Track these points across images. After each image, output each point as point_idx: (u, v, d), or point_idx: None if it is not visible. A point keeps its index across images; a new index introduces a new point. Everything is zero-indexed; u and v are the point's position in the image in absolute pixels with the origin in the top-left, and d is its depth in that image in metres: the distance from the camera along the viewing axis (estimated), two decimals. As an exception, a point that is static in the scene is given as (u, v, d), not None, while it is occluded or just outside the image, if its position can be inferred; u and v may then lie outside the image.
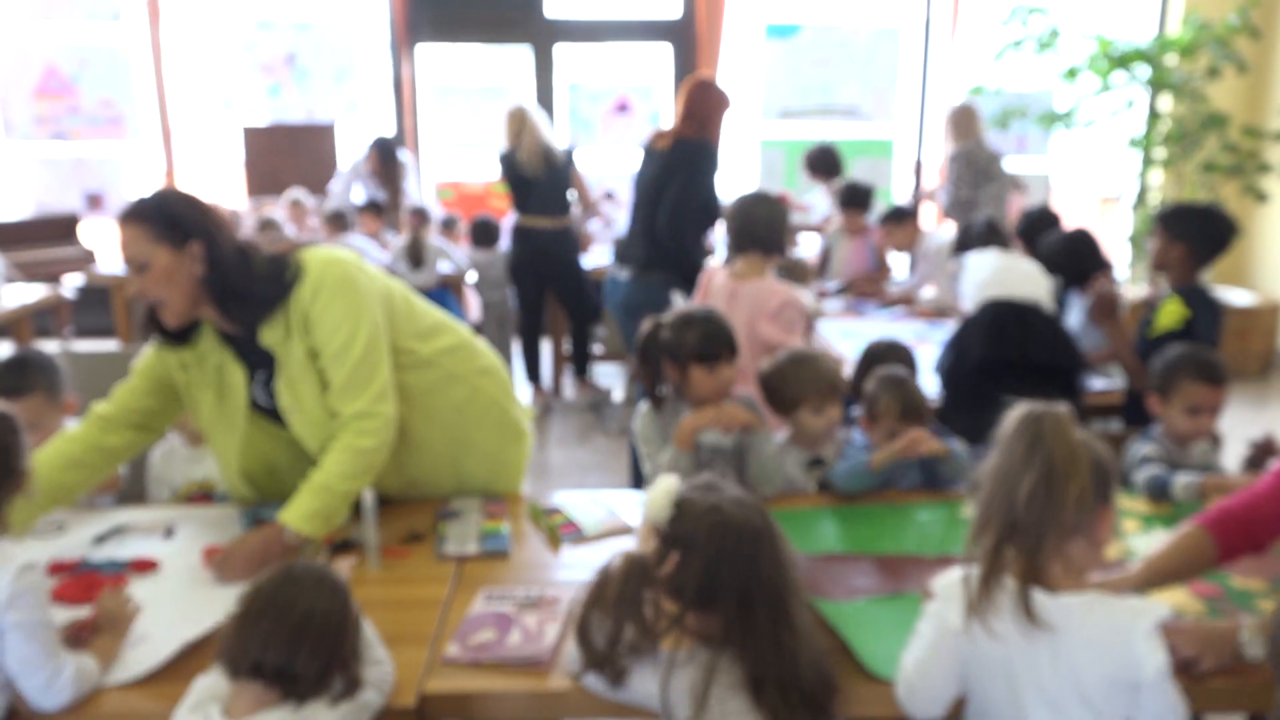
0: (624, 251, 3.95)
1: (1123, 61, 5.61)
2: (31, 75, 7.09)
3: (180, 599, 1.73)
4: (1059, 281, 3.37)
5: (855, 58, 7.23)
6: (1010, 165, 5.41)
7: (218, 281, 1.83)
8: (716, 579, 1.35)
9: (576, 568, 1.86)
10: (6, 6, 6.88)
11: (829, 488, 2.18)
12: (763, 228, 3.00)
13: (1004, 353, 2.87)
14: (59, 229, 6.16)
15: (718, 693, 1.33)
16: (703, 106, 3.82)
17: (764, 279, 2.97)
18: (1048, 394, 1.59)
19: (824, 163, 5.62)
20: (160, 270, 1.80)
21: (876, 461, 2.10)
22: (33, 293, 4.49)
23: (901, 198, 7.08)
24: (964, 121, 5.17)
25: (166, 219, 1.80)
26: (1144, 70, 5.64)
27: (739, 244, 3.03)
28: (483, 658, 1.54)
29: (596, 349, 5.66)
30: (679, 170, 3.75)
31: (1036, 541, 1.35)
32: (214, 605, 1.63)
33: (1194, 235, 2.92)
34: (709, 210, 3.85)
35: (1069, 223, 3.98)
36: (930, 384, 2.76)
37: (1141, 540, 1.93)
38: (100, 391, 2.36)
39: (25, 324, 4.46)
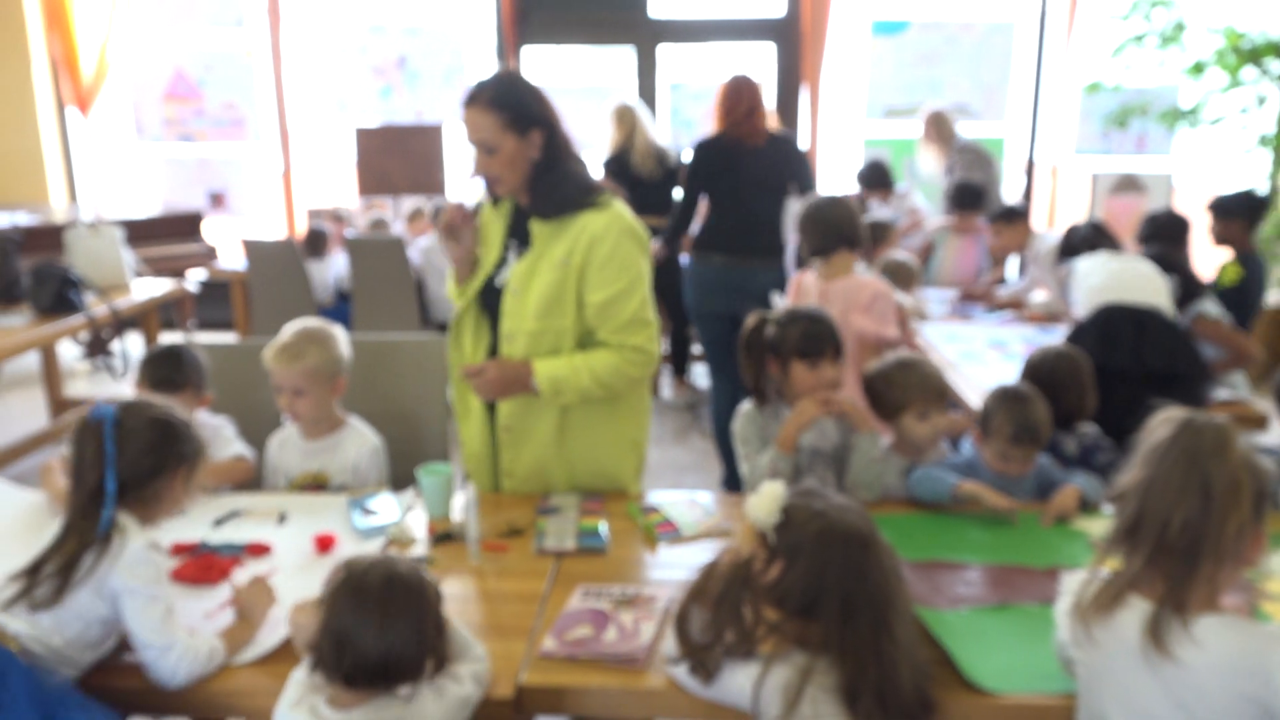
0: (747, 243, 3.90)
1: (1253, 56, 5.31)
2: (161, 80, 7.46)
3: (290, 583, 1.78)
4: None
5: (965, 54, 7.04)
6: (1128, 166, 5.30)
7: (545, 168, 2.07)
8: (821, 587, 1.33)
9: (673, 567, 1.86)
10: (139, 14, 7.26)
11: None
12: (844, 225, 3.02)
13: (1118, 361, 2.75)
14: (184, 226, 6.46)
15: (811, 694, 1.31)
16: (763, 101, 3.96)
17: (852, 275, 2.97)
18: (1168, 404, 1.50)
19: (876, 177, 5.65)
20: (506, 155, 2.04)
21: (962, 491, 2.00)
22: (159, 287, 4.70)
23: (1013, 198, 6.87)
24: (950, 121, 5.56)
25: (517, 109, 2.02)
26: (1277, 65, 5.33)
27: (824, 246, 3.03)
28: (579, 653, 1.56)
29: (695, 349, 5.66)
30: (800, 162, 3.97)
31: (1188, 570, 1.27)
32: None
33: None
34: None
35: (1196, 226, 3.82)
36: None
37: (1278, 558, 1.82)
38: (220, 383, 2.47)
39: (153, 317, 4.69)
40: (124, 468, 1.53)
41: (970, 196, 4.85)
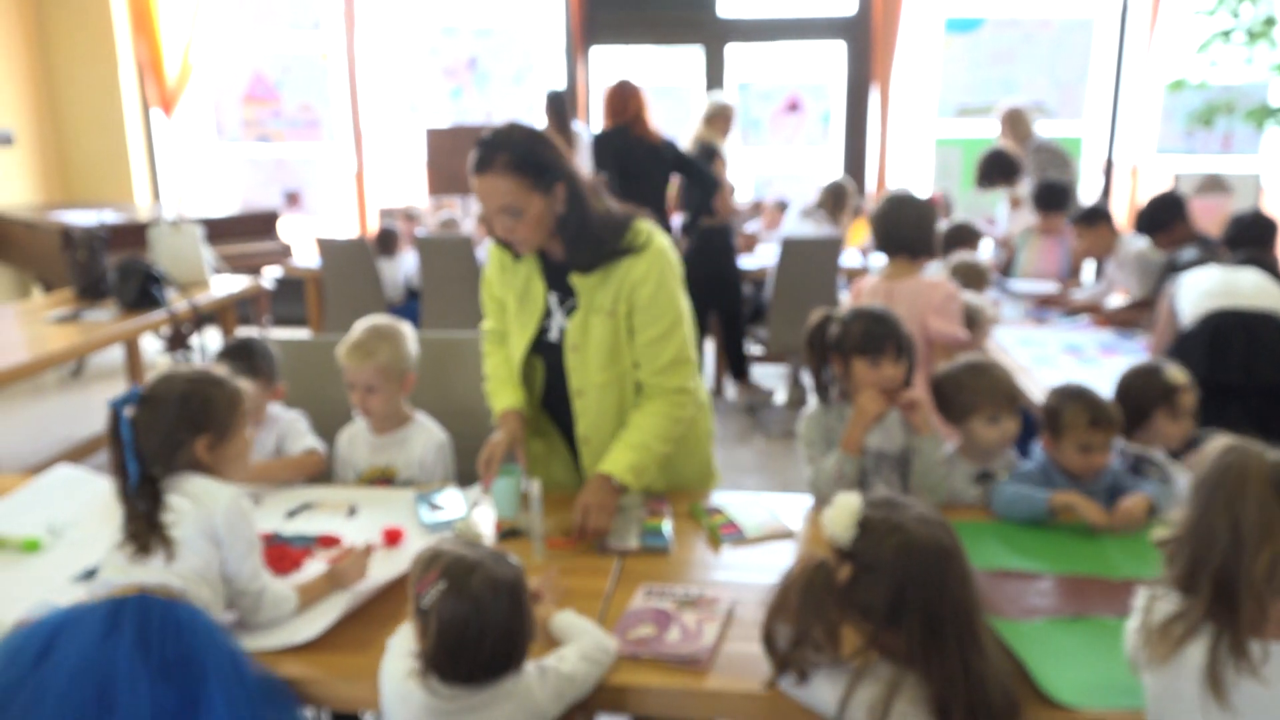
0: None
1: (1349, 51, 5.10)
2: (240, 82, 7.67)
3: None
4: None
5: (1041, 52, 6.88)
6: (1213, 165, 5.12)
7: (575, 220, 1.98)
8: (902, 601, 1.29)
9: (737, 569, 1.84)
10: (220, 18, 7.47)
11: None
12: (910, 229, 2.95)
13: (1227, 375, 2.61)
14: (261, 224, 6.61)
15: (900, 708, 1.28)
16: (647, 105, 4.64)
17: (919, 277, 2.94)
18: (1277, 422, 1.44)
19: (996, 168, 5.41)
20: (533, 216, 1.94)
21: (1057, 503, 1.94)
22: (237, 283, 4.83)
23: (1091, 199, 6.67)
24: (1028, 120, 5.50)
25: (539, 167, 1.92)
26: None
27: (886, 247, 3.00)
28: (641, 652, 1.55)
29: (756, 350, 5.62)
30: (686, 159, 4.69)
31: (1234, 611, 1.23)
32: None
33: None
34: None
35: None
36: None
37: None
38: (294, 378, 2.53)
39: (230, 312, 4.81)
40: (141, 446, 1.58)
41: (1054, 196, 4.72)
